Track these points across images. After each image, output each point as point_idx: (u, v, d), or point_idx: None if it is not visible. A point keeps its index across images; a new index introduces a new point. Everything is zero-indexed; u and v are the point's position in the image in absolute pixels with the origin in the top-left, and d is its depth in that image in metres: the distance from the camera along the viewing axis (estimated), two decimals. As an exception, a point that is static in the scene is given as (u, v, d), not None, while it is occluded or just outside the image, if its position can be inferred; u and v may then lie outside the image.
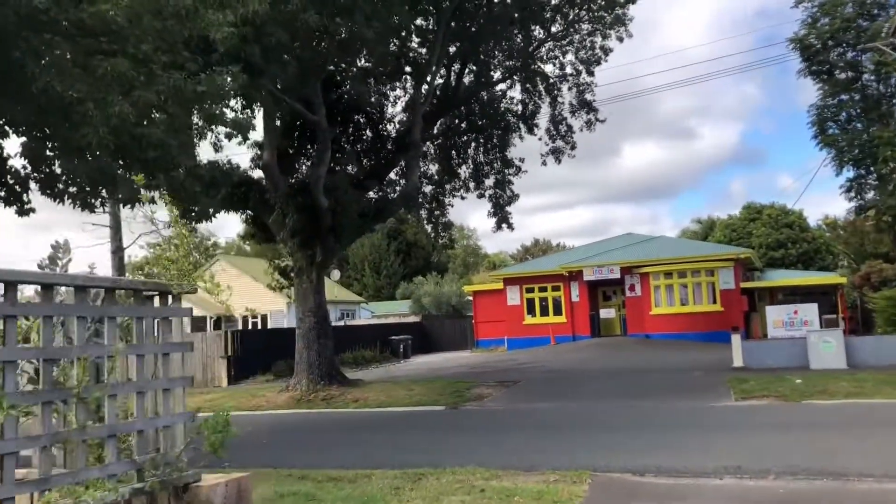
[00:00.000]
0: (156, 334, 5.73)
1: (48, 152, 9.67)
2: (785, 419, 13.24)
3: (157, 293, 5.79)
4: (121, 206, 10.05)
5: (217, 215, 17.73)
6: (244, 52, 12.70)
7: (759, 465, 9.07)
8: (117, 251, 31.31)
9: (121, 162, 10.10)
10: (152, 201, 10.64)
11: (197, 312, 44.21)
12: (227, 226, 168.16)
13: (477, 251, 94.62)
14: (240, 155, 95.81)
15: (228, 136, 10.87)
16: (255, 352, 27.91)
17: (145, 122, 9.78)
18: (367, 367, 31.08)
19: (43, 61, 9.09)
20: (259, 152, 21.19)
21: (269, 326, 44.66)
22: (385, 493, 8.19)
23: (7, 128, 9.47)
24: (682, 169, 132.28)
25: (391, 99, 25.38)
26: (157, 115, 10.12)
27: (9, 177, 10.46)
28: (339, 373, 21.73)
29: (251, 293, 44.53)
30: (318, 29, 14.59)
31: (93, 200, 9.74)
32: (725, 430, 12.20)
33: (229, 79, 10.41)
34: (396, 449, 12.08)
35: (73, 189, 9.64)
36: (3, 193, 10.67)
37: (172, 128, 10.22)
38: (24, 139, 9.76)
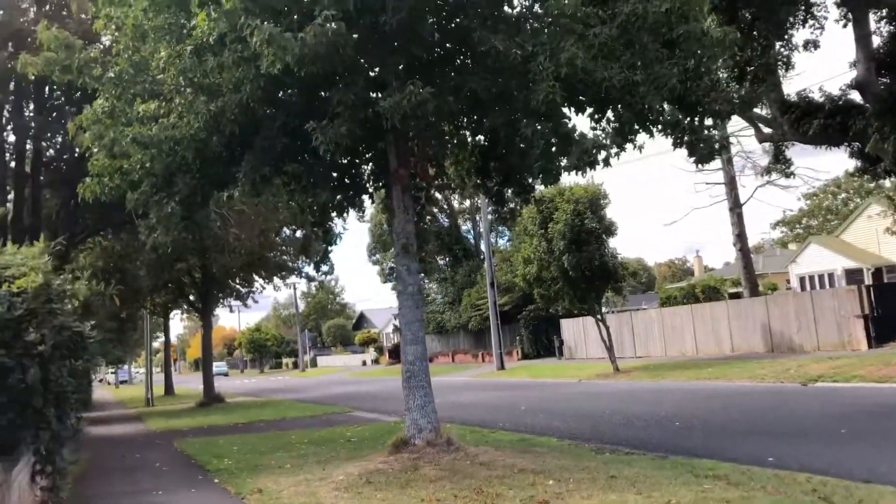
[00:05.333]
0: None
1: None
2: None
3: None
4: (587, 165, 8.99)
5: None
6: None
7: None
8: (734, 208, 29.99)
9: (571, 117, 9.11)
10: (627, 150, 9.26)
11: (849, 264, 39.50)
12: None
13: None
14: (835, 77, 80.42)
15: (702, 63, 8.62)
16: (904, 309, 23.14)
17: (598, 63, 8.48)
18: None
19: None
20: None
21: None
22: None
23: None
24: None
25: None
26: (622, 53, 8.74)
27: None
28: None
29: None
30: None
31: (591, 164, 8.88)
32: None
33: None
34: None
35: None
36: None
37: (641, 60, 8.67)
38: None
